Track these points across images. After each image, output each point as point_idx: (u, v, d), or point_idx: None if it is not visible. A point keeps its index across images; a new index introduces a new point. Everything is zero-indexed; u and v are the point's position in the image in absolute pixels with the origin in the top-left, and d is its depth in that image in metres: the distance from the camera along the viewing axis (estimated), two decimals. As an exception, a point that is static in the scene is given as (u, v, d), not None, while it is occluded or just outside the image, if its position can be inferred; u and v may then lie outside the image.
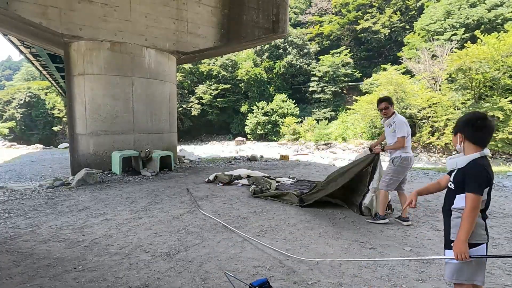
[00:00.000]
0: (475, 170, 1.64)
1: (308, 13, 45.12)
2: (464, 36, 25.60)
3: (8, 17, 6.49)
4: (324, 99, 35.91)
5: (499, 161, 18.43)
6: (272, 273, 2.56)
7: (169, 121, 8.77)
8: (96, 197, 5.17)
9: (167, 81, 8.60)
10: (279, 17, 9.71)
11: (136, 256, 2.88)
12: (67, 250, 3.02)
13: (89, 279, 2.46)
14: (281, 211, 4.34)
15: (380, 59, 36.56)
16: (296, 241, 3.25)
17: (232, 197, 5.16)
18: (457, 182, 1.72)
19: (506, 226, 3.82)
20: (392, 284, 2.40)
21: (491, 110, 18.40)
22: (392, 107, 3.93)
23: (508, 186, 6.35)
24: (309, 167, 8.97)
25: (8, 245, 3.12)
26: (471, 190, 1.62)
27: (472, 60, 18.88)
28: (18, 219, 4.00)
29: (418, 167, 11.35)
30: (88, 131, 7.44)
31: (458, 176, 1.72)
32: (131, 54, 7.69)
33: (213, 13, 8.90)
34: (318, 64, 36.91)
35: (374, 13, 36.89)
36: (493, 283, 2.43)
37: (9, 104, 44.89)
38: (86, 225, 3.74)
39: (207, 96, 37.65)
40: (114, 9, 7.33)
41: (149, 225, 3.75)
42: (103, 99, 7.46)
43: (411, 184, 6.44)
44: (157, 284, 2.38)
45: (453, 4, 28.36)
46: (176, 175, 7.33)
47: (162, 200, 4.95)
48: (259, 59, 39.95)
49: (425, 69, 23.81)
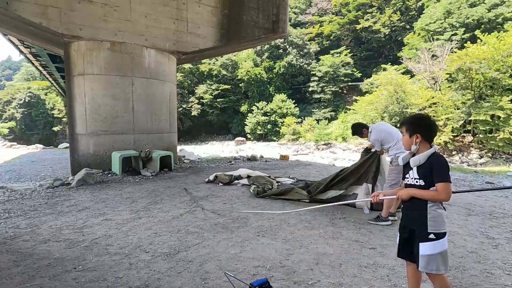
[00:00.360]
0: (441, 161, 1.79)
1: (308, 13, 45.11)
2: (464, 36, 25.60)
3: (8, 17, 6.49)
4: (324, 99, 35.91)
5: (499, 161, 18.43)
6: (272, 273, 2.56)
7: (169, 121, 8.77)
8: (96, 197, 5.17)
9: (167, 81, 8.60)
10: (279, 17, 9.71)
11: (136, 256, 2.88)
12: (67, 250, 3.02)
13: (89, 279, 2.46)
14: (281, 211, 4.34)
15: (380, 59, 36.57)
16: (296, 241, 3.25)
17: (232, 197, 5.16)
18: (425, 177, 1.82)
19: (506, 226, 3.82)
20: (392, 284, 2.40)
21: (491, 109, 18.40)
22: (365, 131, 4.20)
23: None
24: (309, 167, 8.97)
25: (8, 245, 3.12)
26: (444, 179, 1.74)
27: (472, 60, 18.87)
28: (18, 219, 4.00)
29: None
30: (88, 131, 7.44)
31: (423, 171, 1.83)
32: (131, 54, 7.69)
33: (213, 13, 8.90)
34: (318, 64, 36.91)
35: (374, 13, 36.89)
36: (493, 283, 2.43)
37: (9, 104, 44.89)
38: (86, 225, 3.74)
39: (207, 96, 37.65)
40: (114, 9, 7.33)
41: (149, 225, 3.75)
42: (103, 99, 7.46)
43: (411, 184, 6.43)
44: (157, 284, 2.38)
45: (453, 3, 28.35)
46: (176, 175, 7.33)
47: (162, 200, 4.95)
48: (259, 59, 39.93)
49: (425, 69, 23.80)
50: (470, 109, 19.69)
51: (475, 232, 3.60)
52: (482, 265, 2.74)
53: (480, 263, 2.78)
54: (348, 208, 4.50)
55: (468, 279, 2.48)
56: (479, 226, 3.81)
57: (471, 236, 3.46)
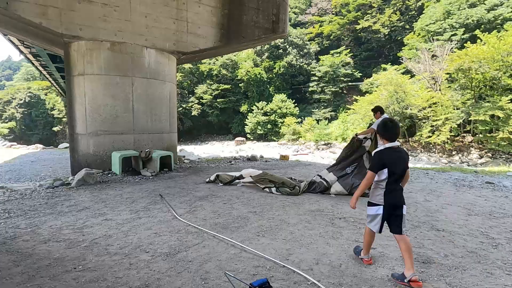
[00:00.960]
0: (374, 156, 2.58)
1: (308, 13, 45.14)
2: (464, 36, 25.61)
3: (8, 17, 6.49)
4: (324, 99, 35.93)
5: (499, 161, 18.43)
6: (272, 273, 2.56)
7: (169, 121, 8.77)
8: (96, 197, 5.17)
9: (167, 81, 8.60)
10: (279, 17, 9.72)
11: (136, 256, 2.88)
12: (67, 250, 3.02)
13: (89, 279, 2.46)
14: (281, 211, 4.34)
15: (380, 59, 36.59)
16: (296, 241, 3.25)
17: (232, 197, 5.16)
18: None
19: (506, 226, 3.82)
20: (392, 284, 2.40)
21: (491, 109, 18.40)
22: (379, 114, 5.31)
23: (508, 186, 6.35)
24: (309, 167, 8.97)
25: (8, 245, 3.12)
26: (369, 168, 2.55)
27: (472, 60, 18.88)
28: (18, 219, 4.00)
29: (418, 167, 11.34)
30: (88, 131, 7.44)
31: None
32: (131, 54, 7.69)
33: (213, 13, 8.90)
34: (318, 64, 36.94)
35: (374, 14, 36.90)
36: (493, 283, 2.43)
37: (9, 104, 44.91)
38: (86, 225, 3.74)
39: (207, 96, 37.67)
40: (114, 9, 7.33)
41: (149, 225, 3.75)
42: (103, 99, 7.46)
43: (410, 185, 6.44)
44: (157, 284, 2.38)
45: (452, 4, 28.36)
46: (176, 175, 7.33)
47: (162, 200, 4.95)
48: (259, 59, 39.94)
49: (425, 69, 23.82)
50: (469, 109, 19.69)
51: (475, 232, 3.59)
52: (482, 265, 2.74)
53: (480, 263, 2.78)
54: (348, 208, 4.50)
55: (468, 279, 2.48)
56: (479, 226, 3.81)
57: (471, 236, 3.46)
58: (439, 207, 4.67)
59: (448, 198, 5.27)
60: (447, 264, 2.74)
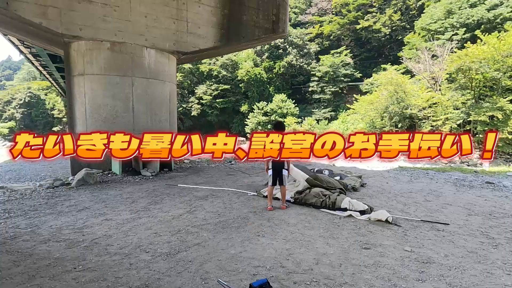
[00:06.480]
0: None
1: (308, 13, 45.10)
2: (464, 36, 25.57)
3: (8, 17, 6.49)
4: (324, 99, 35.89)
5: (499, 161, 18.43)
6: (272, 273, 2.56)
7: (169, 121, 8.76)
8: (96, 197, 5.16)
9: (167, 81, 8.59)
10: (279, 17, 9.71)
11: (136, 256, 2.88)
12: (67, 250, 3.02)
13: (89, 279, 2.46)
14: (281, 211, 4.34)
15: (380, 59, 36.56)
16: (296, 241, 3.25)
17: (232, 197, 5.16)
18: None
19: (506, 226, 3.82)
20: (392, 284, 2.40)
21: (490, 110, 18.39)
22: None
23: (508, 186, 6.35)
24: (309, 167, 8.94)
25: (8, 245, 3.12)
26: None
27: (472, 60, 18.86)
28: (18, 219, 4.00)
29: (418, 167, 11.34)
30: (88, 131, 7.43)
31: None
32: (131, 54, 7.68)
33: (213, 13, 8.89)
34: (318, 64, 36.90)
35: (374, 13, 36.88)
36: (493, 283, 2.43)
37: (9, 104, 44.92)
38: (86, 225, 3.74)
39: (207, 97, 37.63)
40: (114, 9, 7.33)
41: (149, 225, 3.75)
42: (103, 99, 7.46)
43: (410, 184, 6.44)
44: (157, 284, 2.38)
45: (453, 3, 28.33)
46: (176, 175, 7.33)
47: (162, 200, 4.95)
48: (259, 59, 39.91)
49: (425, 69, 23.79)
50: (469, 109, 19.68)
51: (475, 232, 3.59)
52: (482, 265, 2.74)
53: (480, 263, 2.78)
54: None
55: (468, 279, 2.48)
56: (479, 226, 3.81)
57: (471, 236, 3.46)
58: (439, 207, 4.67)
59: (448, 198, 5.27)
60: (447, 264, 2.74)
